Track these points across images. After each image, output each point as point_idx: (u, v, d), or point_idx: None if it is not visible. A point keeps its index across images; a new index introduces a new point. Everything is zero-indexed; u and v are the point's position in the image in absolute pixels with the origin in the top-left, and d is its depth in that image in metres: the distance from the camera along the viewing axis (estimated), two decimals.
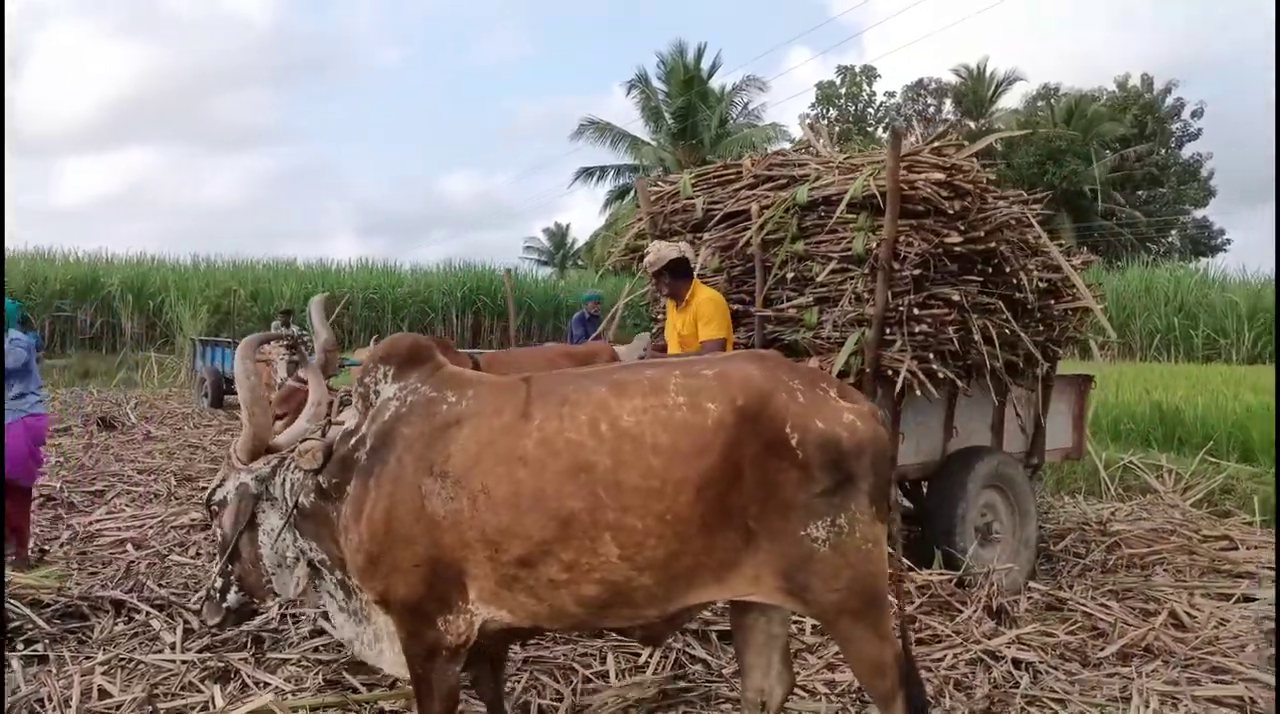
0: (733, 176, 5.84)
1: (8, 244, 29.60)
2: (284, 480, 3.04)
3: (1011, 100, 39.03)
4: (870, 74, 42.41)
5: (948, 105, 40.89)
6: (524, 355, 6.78)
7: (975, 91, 38.56)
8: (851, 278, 5.04)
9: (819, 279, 5.15)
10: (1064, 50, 65.61)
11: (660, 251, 4.96)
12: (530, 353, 7.32)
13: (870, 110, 42.55)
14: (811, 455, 2.57)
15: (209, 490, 3.16)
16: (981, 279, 5.11)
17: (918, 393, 4.86)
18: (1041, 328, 5.51)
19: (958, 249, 4.89)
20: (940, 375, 4.89)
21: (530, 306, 28.45)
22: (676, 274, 4.98)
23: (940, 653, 4.15)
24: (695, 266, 5.24)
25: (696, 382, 2.67)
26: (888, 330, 4.87)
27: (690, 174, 6.10)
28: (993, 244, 5.02)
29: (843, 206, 5.02)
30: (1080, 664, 4.19)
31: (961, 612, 4.63)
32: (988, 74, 38.45)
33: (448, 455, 2.72)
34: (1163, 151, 38.45)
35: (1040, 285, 5.41)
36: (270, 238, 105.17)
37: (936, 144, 5.22)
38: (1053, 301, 5.56)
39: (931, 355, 4.88)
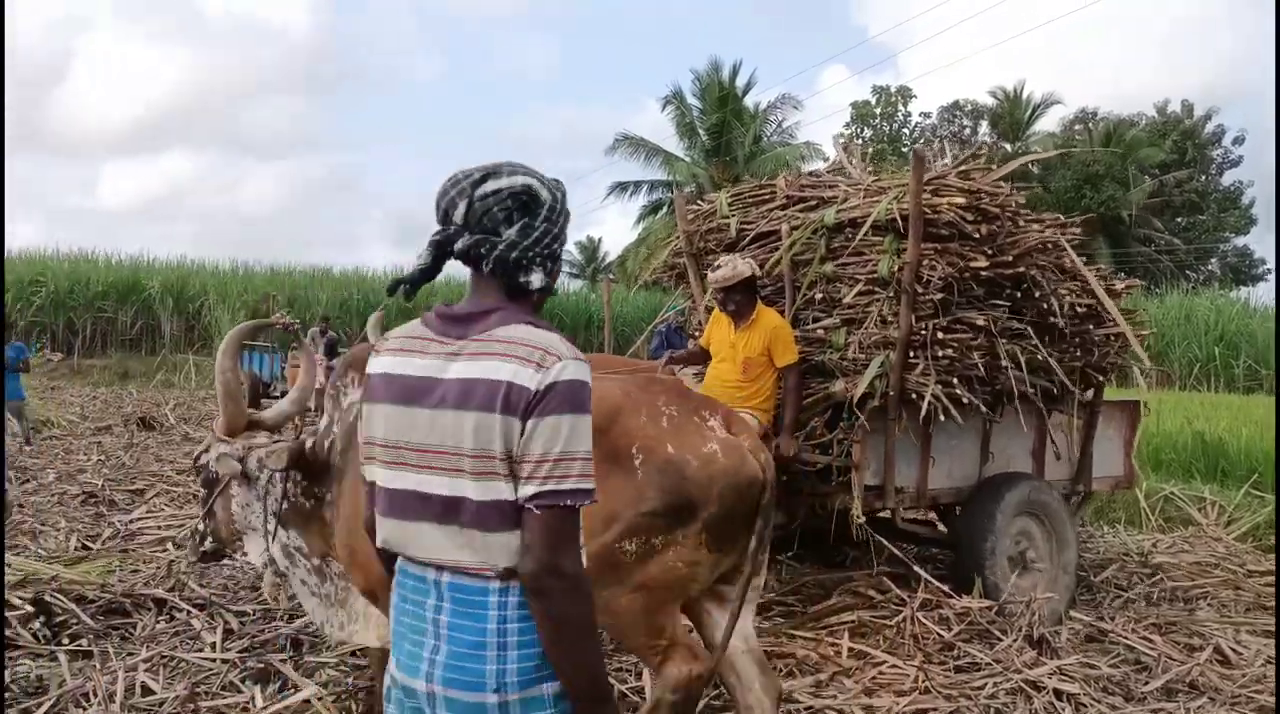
0: (767, 196, 5.85)
1: (48, 243, 30.16)
2: (269, 475, 3.29)
3: (1048, 124, 38.79)
4: (906, 94, 42.32)
5: (984, 127, 40.69)
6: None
7: (1012, 114, 38.33)
8: (878, 300, 5.04)
9: (845, 301, 5.15)
10: (1103, 75, 65.14)
11: (736, 267, 4.89)
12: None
13: (905, 131, 42.44)
14: (649, 477, 2.74)
15: (197, 452, 3.59)
16: (1010, 303, 5.07)
17: (942, 418, 4.82)
18: (1079, 353, 5.43)
19: (984, 273, 4.86)
20: (965, 400, 4.85)
21: (561, 318, 28.55)
22: (746, 291, 4.96)
23: (980, 681, 4.09)
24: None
25: (617, 398, 2.90)
26: (911, 354, 4.84)
27: (727, 193, 6.13)
28: (1021, 268, 4.97)
29: (864, 230, 5.03)
30: (1124, 698, 4.11)
31: (1001, 640, 4.57)
32: (1024, 97, 38.23)
33: None
34: (1203, 178, 37.98)
35: (1079, 309, 5.35)
36: (305, 245, 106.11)
37: (963, 167, 5.23)
38: (1091, 327, 5.48)
39: (955, 380, 4.83)
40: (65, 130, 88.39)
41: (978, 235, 4.82)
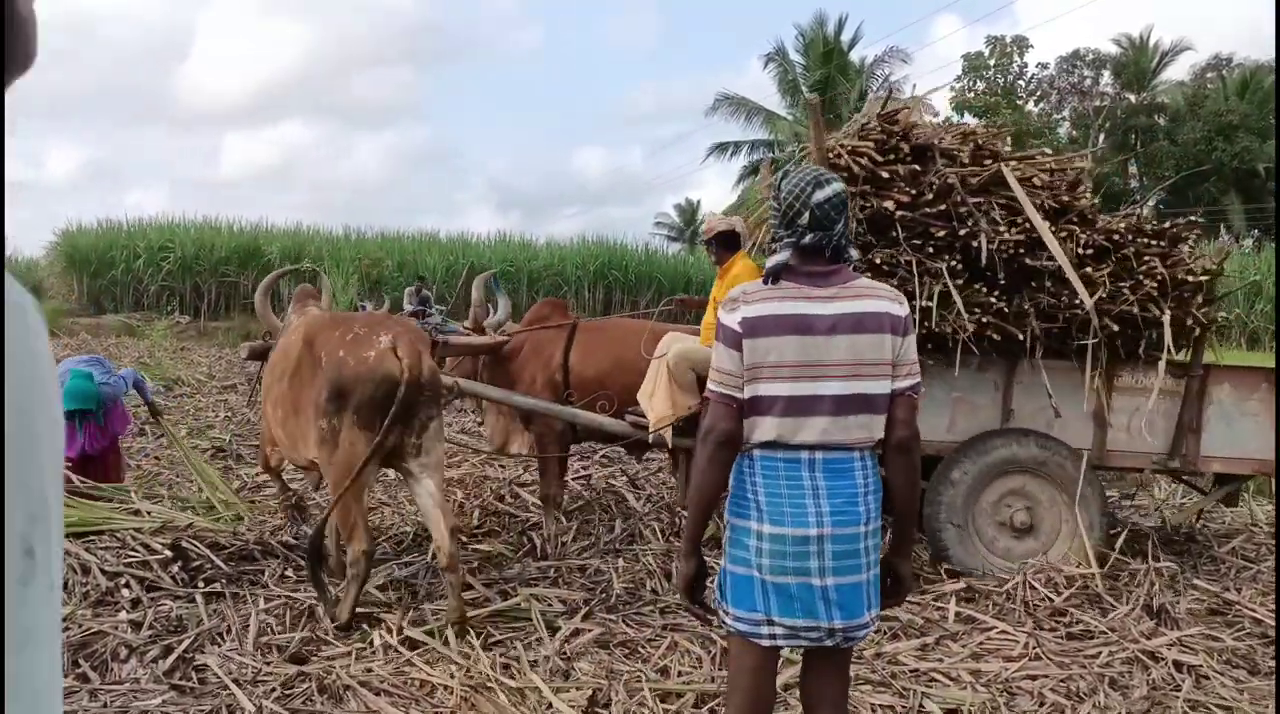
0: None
1: (174, 212, 31.63)
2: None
3: (1178, 72, 36.36)
4: (1022, 44, 40.29)
5: (1106, 77, 38.50)
6: (616, 324, 6.89)
7: (1137, 63, 36.09)
8: None
9: None
10: (1239, 17, 60.60)
11: (711, 223, 5.37)
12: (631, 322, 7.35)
13: (1020, 83, 40.50)
14: (327, 375, 4.03)
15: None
16: (939, 245, 4.91)
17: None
18: (1079, 301, 4.87)
19: (904, 215, 4.88)
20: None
21: (659, 281, 28.53)
22: (723, 245, 5.20)
23: (1094, 649, 3.99)
24: (746, 242, 5.35)
25: (320, 322, 4.41)
26: None
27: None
28: (943, 206, 4.90)
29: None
30: (1249, 672, 3.95)
31: (1115, 608, 4.43)
32: (1151, 44, 35.94)
33: (281, 352, 4.60)
34: None
35: (1085, 251, 4.93)
36: (412, 212, 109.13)
37: (887, 112, 5.31)
38: (1089, 270, 4.90)
39: None
40: (189, 104, 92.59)
41: (886, 175, 4.91)
